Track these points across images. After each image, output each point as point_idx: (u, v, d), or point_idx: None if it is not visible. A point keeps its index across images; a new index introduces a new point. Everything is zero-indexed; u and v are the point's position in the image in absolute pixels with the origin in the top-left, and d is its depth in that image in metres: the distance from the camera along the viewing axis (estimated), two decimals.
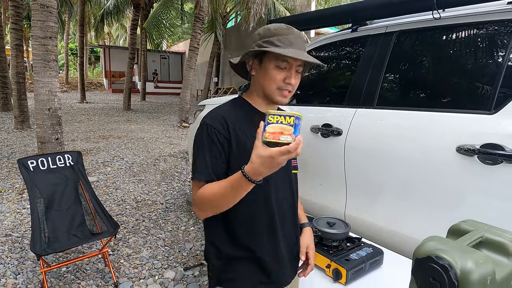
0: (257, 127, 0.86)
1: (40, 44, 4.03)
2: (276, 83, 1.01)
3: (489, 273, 0.71)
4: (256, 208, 1.03)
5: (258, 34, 1.03)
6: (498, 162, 1.33)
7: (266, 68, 1.01)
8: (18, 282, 2.26)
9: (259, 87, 1.06)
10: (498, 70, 1.45)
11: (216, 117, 1.02)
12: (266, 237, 1.05)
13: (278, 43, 0.98)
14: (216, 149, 0.98)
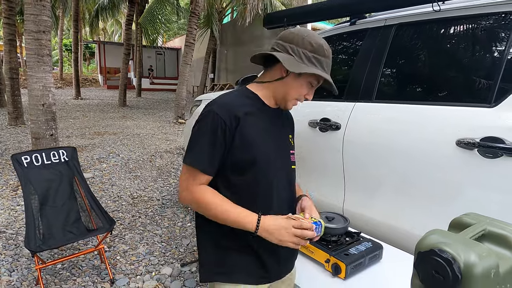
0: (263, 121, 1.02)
1: (33, 38, 3.97)
2: (298, 95, 1.08)
3: (493, 266, 0.70)
4: (258, 202, 1.03)
5: (311, 45, 1.03)
6: (499, 155, 1.32)
7: (301, 80, 1.05)
8: (13, 279, 2.23)
9: (280, 89, 1.07)
10: (499, 63, 1.44)
11: (225, 106, 1.00)
12: None
13: (325, 67, 1.05)
14: (218, 140, 0.98)
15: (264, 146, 1.04)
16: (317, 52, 1.03)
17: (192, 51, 9.05)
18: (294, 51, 1.03)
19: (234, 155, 1.00)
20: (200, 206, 1.00)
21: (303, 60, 1.02)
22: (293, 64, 1.01)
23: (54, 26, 17.40)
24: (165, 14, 11.85)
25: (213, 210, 0.98)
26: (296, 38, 1.03)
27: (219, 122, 0.97)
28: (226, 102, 1.02)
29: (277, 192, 1.07)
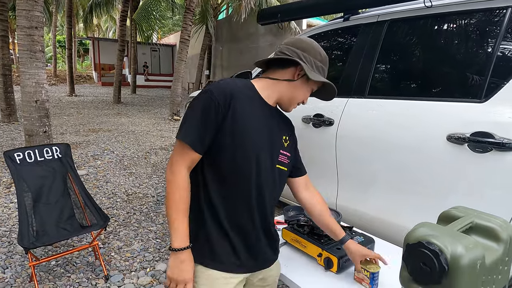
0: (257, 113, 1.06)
1: (25, 34, 3.93)
2: (302, 99, 1.16)
3: (479, 257, 0.71)
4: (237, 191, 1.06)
5: (320, 55, 1.12)
6: (488, 150, 1.34)
7: (307, 86, 1.14)
8: (6, 276, 2.22)
9: (288, 91, 1.13)
10: (489, 59, 1.45)
11: (223, 88, 1.02)
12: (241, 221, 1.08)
13: (325, 74, 1.15)
14: (209, 118, 1.00)
15: (254, 133, 1.05)
16: (323, 62, 1.14)
17: (187, 47, 9.00)
18: (307, 59, 1.09)
19: (223, 137, 1.02)
20: (167, 192, 1.02)
21: (313, 68, 1.10)
22: (310, 72, 1.08)
23: (47, 22, 17.22)
24: (159, 10, 11.77)
25: (169, 206, 1.01)
26: (309, 48, 1.10)
27: (212, 101, 0.99)
28: (224, 85, 1.04)
29: (257, 187, 1.08)
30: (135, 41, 16.25)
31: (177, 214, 1.01)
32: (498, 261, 0.76)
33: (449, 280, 0.70)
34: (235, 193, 1.07)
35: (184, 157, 1.02)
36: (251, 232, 1.10)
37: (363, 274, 1.20)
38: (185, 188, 1.02)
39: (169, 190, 1.02)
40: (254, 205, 1.09)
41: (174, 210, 1.01)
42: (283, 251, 1.47)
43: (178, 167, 1.02)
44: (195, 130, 1.00)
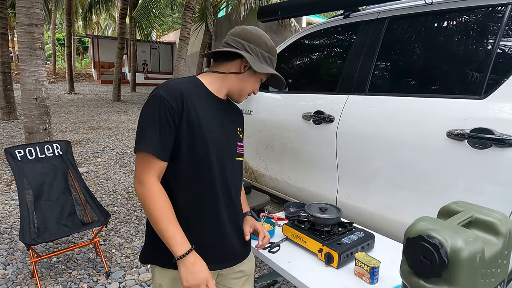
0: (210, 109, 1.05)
1: (25, 31, 3.92)
2: (253, 89, 1.15)
3: (479, 251, 0.72)
4: (203, 192, 1.05)
5: (266, 45, 1.10)
6: (488, 146, 1.34)
7: (256, 78, 1.13)
8: (8, 272, 2.23)
9: (236, 83, 1.11)
10: (489, 55, 1.46)
11: (172, 90, 1.00)
12: (210, 221, 1.07)
13: (274, 65, 1.14)
14: (167, 124, 0.97)
15: (208, 131, 1.04)
16: (271, 52, 1.11)
17: (186, 45, 8.98)
18: (252, 50, 1.07)
19: (181, 140, 1.00)
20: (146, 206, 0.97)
21: (260, 59, 1.08)
22: (256, 64, 1.06)
23: (46, 20, 17.15)
24: (159, 8, 11.73)
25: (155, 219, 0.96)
26: (254, 38, 1.08)
27: (166, 105, 0.97)
28: (173, 86, 1.01)
29: (222, 183, 1.08)
30: (134, 39, 16.22)
31: (167, 223, 0.96)
32: (498, 254, 0.77)
33: (449, 273, 0.71)
34: (199, 191, 1.05)
35: (150, 168, 0.98)
36: (217, 228, 1.09)
37: (363, 269, 1.21)
38: (163, 194, 0.98)
39: (149, 203, 0.96)
40: (221, 201, 1.08)
41: (163, 220, 0.96)
42: (283, 247, 1.48)
43: (148, 178, 0.97)
44: (156, 138, 0.97)
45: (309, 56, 2.53)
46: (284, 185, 2.39)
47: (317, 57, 2.45)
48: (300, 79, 2.57)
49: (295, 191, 2.31)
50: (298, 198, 2.30)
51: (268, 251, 1.44)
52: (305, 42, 2.47)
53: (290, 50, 2.57)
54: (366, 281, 1.20)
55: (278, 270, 1.34)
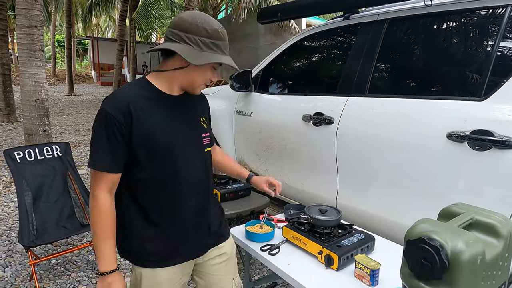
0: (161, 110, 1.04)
1: (25, 33, 3.92)
2: (205, 80, 1.09)
3: (479, 253, 0.72)
4: (166, 192, 1.08)
5: (206, 31, 1.01)
6: (488, 148, 1.34)
7: (203, 67, 1.05)
8: (6, 275, 2.22)
9: (184, 78, 1.07)
10: (489, 57, 1.46)
11: (118, 104, 0.99)
12: (172, 217, 1.10)
13: (223, 49, 1.05)
14: (115, 139, 0.98)
15: (165, 135, 1.05)
16: (213, 37, 1.03)
17: None
18: (191, 40, 1.01)
19: (134, 149, 1.02)
20: (92, 218, 1.02)
21: (201, 48, 1.01)
22: (193, 55, 1.00)
23: (46, 22, 17.19)
24: (159, 9, 11.76)
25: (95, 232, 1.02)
26: (191, 27, 1.01)
27: (113, 122, 0.97)
28: (118, 99, 1.01)
29: (186, 176, 1.10)
30: (134, 40, 16.22)
31: (103, 240, 1.02)
32: (498, 257, 0.77)
33: (450, 275, 0.70)
34: (162, 191, 1.07)
35: (102, 182, 1.01)
36: (180, 224, 1.12)
37: (363, 271, 1.20)
38: (108, 212, 1.02)
39: (93, 216, 1.01)
40: (186, 198, 1.10)
41: (100, 235, 1.01)
42: (283, 249, 1.48)
43: (98, 193, 1.01)
44: (106, 155, 0.99)
45: (308, 58, 2.53)
46: (283, 186, 2.38)
47: (317, 58, 2.45)
48: (299, 81, 2.57)
49: (294, 193, 2.31)
50: (298, 200, 2.30)
51: (268, 253, 1.43)
52: (305, 44, 2.47)
53: (289, 52, 2.57)
54: (366, 283, 1.20)
55: (278, 272, 1.34)
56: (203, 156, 1.17)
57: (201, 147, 1.16)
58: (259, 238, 1.53)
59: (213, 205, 1.24)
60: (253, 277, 2.28)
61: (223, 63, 1.05)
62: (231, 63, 1.06)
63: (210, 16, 1.06)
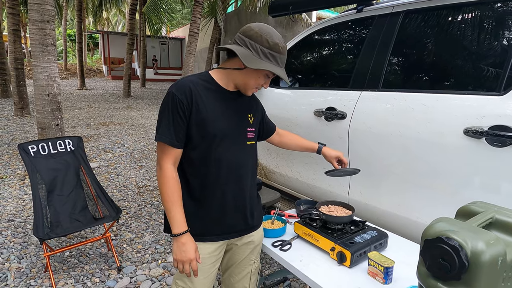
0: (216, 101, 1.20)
1: (37, 28, 3.96)
2: (257, 84, 1.24)
3: (501, 253, 0.70)
4: (211, 174, 1.21)
5: (267, 42, 1.15)
6: (507, 144, 1.30)
7: (258, 72, 1.20)
8: (22, 266, 2.27)
9: (239, 78, 1.22)
10: (508, 50, 1.41)
11: (182, 87, 1.16)
12: (215, 199, 1.23)
13: (279, 62, 1.19)
14: (178, 117, 1.15)
15: (215, 122, 1.19)
16: (273, 49, 1.16)
17: (196, 40, 8.98)
18: (253, 46, 1.16)
19: (190, 129, 1.17)
20: (160, 187, 1.17)
21: (259, 55, 1.15)
22: (250, 59, 1.14)
23: (58, 16, 17.34)
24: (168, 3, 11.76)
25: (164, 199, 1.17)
26: (256, 35, 1.16)
27: (178, 102, 1.14)
28: (183, 84, 1.17)
29: (229, 163, 1.23)
30: (144, 34, 16.29)
31: (172, 204, 1.16)
32: None
33: (469, 276, 0.68)
34: (207, 173, 1.21)
35: (167, 155, 1.16)
36: (221, 207, 1.25)
37: (376, 268, 1.19)
38: (175, 179, 1.17)
39: (161, 185, 1.16)
40: (227, 182, 1.23)
41: (169, 201, 1.16)
42: (295, 245, 1.47)
43: (164, 163, 1.17)
44: (171, 130, 1.15)
45: (320, 52, 2.50)
46: (294, 182, 2.37)
47: (329, 52, 2.42)
48: (311, 75, 2.54)
49: (306, 188, 2.29)
50: (309, 195, 2.28)
51: (280, 249, 1.43)
52: (317, 37, 2.44)
53: (301, 45, 2.54)
54: (379, 281, 1.18)
55: (289, 268, 1.33)
56: (246, 147, 1.29)
57: (245, 139, 1.29)
58: (270, 234, 1.53)
59: (253, 193, 1.35)
60: (264, 272, 2.29)
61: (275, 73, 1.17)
62: (281, 75, 1.18)
63: (275, 30, 1.20)
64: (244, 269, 1.41)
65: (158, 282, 2.17)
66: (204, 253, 1.24)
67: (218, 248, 1.29)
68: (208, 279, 1.29)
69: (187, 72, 9.15)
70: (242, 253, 1.37)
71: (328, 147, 1.60)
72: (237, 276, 1.41)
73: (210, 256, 1.26)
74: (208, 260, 1.26)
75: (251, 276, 1.43)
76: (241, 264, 1.39)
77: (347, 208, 1.55)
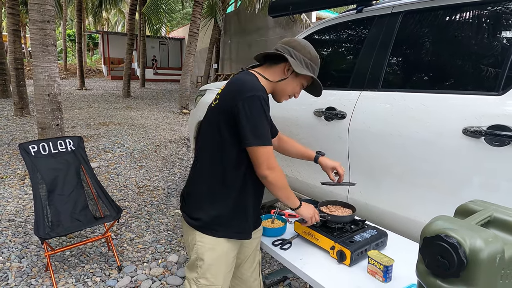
0: None
1: (38, 28, 3.96)
2: (293, 92, 1.36)
3: (499, 251, 0.70)
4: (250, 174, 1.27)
5: (310, 53, 1.30)
6: (505, 143, 1.31)
7: (297, 82, 1.33)
8: (23, 265, 2.28)
9: (279, 86, 1.32)
10: (507, 50, 1.42)
11: (264, 91, 1.21)
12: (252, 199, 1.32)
13: (316, 73, 1.33)
14: (268, 119, 1.23)
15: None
16: (313, 60, 1.31)
17: (196, 41, 8.99)
18: (297, 56, 1.27)
19: None
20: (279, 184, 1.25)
21: (302, 65, 1.28)
22: (297, 66, 1.26)
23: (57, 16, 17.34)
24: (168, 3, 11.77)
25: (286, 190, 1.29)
26: (299, 46, 1.28)
27: (266, 105, 1.19)
28: (262, 88, 1.21)
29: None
30: (144, 34, 16.29)
31: (290, 192, 1.30)
32: None
33: (468, 273, 0.69)
34: (248, 173, 1.26)
35: (272, 154, 1.22)
36: (258, 205, 1.38)
37: (376, 267, 1.20)
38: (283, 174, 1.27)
39: (279, 181, 1.24)
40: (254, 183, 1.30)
41: (289, 190, 1.30)
42: (295, 244, 1.48)
43: (275, 163, 1.22)
44: (268, 132, 1.21)
45: (320, 52, 2.51)
46: (294, 181, 2.38)
47: (328, 52, 2.43)
48: None
49: (306, 187, 2.30)
50: (309, 194, 2.29)
51: (280, 248, 1.44)
52: (317, 37, 2.45)
53: None
54: (379, 280, 1.19)
55: (289, 267, 1.34)
56: None
57: None
58: (270, 233, 1.54)
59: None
60: (264, 271, 2.30)
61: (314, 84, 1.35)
62: (320, 83, 1.34)
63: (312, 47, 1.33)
64: (254, 260, 1.50)
65: (158, 281, 2.18)
66: (227, 247, 1.30)
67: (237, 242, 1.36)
68: (230, 273, 1.36)
69: (187, 72, 9.16)
70: (252, 244, 1.46)
71: (326, 157, 1.61)
72: (249, 269, 1.50)
73: (233, 249, 1.33)
74: (231, 253, 1.33)
75: (259, 266, 1.55)
76: (252, 256, 1.48)
77: (347, 208, 1.57)
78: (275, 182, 1.23)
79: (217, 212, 1.26)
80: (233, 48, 16.88)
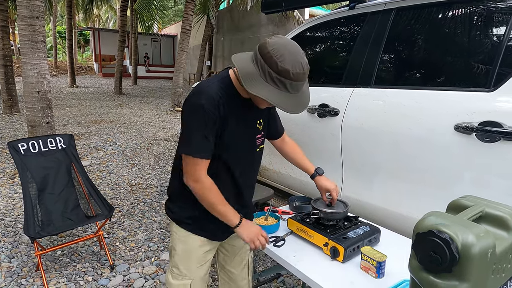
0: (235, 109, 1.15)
1: (26, 24, 3.89)
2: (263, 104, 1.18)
3: (490, 246, 0.71)
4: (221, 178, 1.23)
5: (276, 66, 1.01)
6: (496, 139, 1.33)
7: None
8: (13, 265, 2.24)
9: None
10: (498, 47, 1.43)
11: (210, 98, 1.10)
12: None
13: (289, 88, 1.05)
14: (211, 131, 1.12)
15: (232, 133, 1.18)
16: (281, 74, 1.02)
17: (188, 38, 8.92)
18: (262, 67, 1.03)
19: (216, 140, 1.16)
20: (202, 198, 1.19)
21: (266, 78, 1.03)
22: (252, 81, 1.03)
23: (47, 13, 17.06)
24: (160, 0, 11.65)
25: (214, 206, 1.20)
26: (267, 56, 1.02)
27: (209, 115, 1.09)
28: (211, 93, 1.11)
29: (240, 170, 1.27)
30: (135, 31, 16.13)
31: (223, 206, 1.20)
32: (508, 250, 0.76)
33: (460, 268, 0.70)
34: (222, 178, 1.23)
35: (201, 167, 1.15)
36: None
37: (369, 263, 1.20)
38: (213, 184, 1.18)
39: (206, 196, 1.18)
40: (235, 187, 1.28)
41: (219, 204, 1.20)
42: (288, 241, 1.48)
43: (200, 176, 1.16)
44: (203, 144, 1.12)
45: (313, 48, 2.50)
46: (288, 178, 2.38)
47: (321, 49, 2.43)
48: None
49: (299, 184, 2.30)
50: (302, 191, 2.29)
51: (273, 245, 1.43)
52: (310, 34, 2.44)
53: None
54: (372, 275, 1.20)
55: (283, 264, 1.34)
56: (255, 155, 1.33)
57: (254, 147, 1.31)
58: (264, 230, 1.53)
59: (251, 193, 1.43)
60: (257, 268, 2.30)
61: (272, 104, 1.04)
62: (281, 105, 1.05)
63: (298, 52, 1.05)
64: (243, 259, 1.48)
65: (151, 280, 2.16)
66: (198, 242, 1.30)
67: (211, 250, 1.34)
68: (203, 268, 1.34)
69: (179, 69, 9.09)
70: (238, 242, 1.43)
71: (324, 176, 1.50)
72: (237, 267, 1.48)
73: (206, 246, 1.32)
74: (202, 249, 1.31)
75: (248, 266, 1.51)
76: (239, 255, 1.46)
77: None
78: (200, 195, 1.18)
79: (188, 207, 1.27)
80: (226, 45, 16.81)
